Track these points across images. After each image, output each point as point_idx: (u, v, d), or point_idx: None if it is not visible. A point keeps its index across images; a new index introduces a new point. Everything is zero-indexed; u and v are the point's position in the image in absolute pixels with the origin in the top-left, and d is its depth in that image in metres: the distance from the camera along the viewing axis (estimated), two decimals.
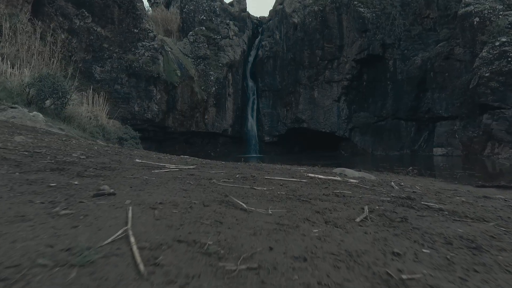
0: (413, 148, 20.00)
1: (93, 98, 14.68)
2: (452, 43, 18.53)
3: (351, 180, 3.84)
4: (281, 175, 3.96)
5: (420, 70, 19.40)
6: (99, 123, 14.47)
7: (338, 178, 3.81)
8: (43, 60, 14.83)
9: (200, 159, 6.01)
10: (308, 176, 3.75)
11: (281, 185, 3.00)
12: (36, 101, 9.47)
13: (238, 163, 6.92)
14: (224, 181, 2.86)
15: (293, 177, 3.63)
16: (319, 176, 3.74)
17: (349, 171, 5.13)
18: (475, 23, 17.59)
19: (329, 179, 3.68)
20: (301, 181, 3.35)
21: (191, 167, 3.81)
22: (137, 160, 3.74)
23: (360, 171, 7.50)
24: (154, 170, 3.15)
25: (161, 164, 3.76)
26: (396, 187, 3.91)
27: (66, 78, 14.34)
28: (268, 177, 3.42)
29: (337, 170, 5.29)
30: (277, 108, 23.43)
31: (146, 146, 19.18)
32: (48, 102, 10.02)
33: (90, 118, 13.80)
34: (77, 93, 14.87)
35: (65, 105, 9.94)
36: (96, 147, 4.87)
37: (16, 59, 12.65)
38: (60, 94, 9.56)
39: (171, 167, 3.56)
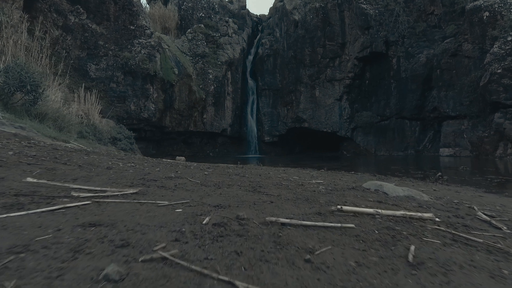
0: (417, 148, 18.04)
1: (85, 96, 12.98)
2: (460, 39, 16.58)
3: (423, 216, 1.94)
4: (294, 204, 2.06)
5: (425, 67, 17.47)
6: (90, 122, 12.73)
7: (402, 212, 1.91)
8: (31, 55, 13.04)
9: (176, 168, 4.12)
10: (343, 210, 1.84)
11: (306, 259, 1.10)
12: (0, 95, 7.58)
13: (230, 168, 5.02)
14: (151, 261, 0.96)
15: (320, 216, 1.73)
16: (366, 210, 1.84)
17: (389, 187, 3.23)
18: (484, 17, 15.67)
19: (391, 219, 1.78)
20: (344, 229, 1.44)
21: (132, 192, 1.92)
22: (29, 179, 1.86)
23: (381, 178, 5.61)
24: (17, 211, 1.27)
25: (75, 186, 1.87)
26: (503, 227, 2.01)
27: (56, 75, 12.54)
28: (273, 219, 1.52)
29: (371, 185, 3.39)
30: (277, 108, 21.41)
31: (142, 146, 17.23)
32: (18, 97, 8.15)
33: (81, 117, 12.10)
34: (67, 91, 13.11)
35: (36, 100, 8.03)
36: (10, 152, 2.99)
37: (2, 54, 10.89)
38: (29, 87, 7.65)
39: (82, 196, 1.68)
